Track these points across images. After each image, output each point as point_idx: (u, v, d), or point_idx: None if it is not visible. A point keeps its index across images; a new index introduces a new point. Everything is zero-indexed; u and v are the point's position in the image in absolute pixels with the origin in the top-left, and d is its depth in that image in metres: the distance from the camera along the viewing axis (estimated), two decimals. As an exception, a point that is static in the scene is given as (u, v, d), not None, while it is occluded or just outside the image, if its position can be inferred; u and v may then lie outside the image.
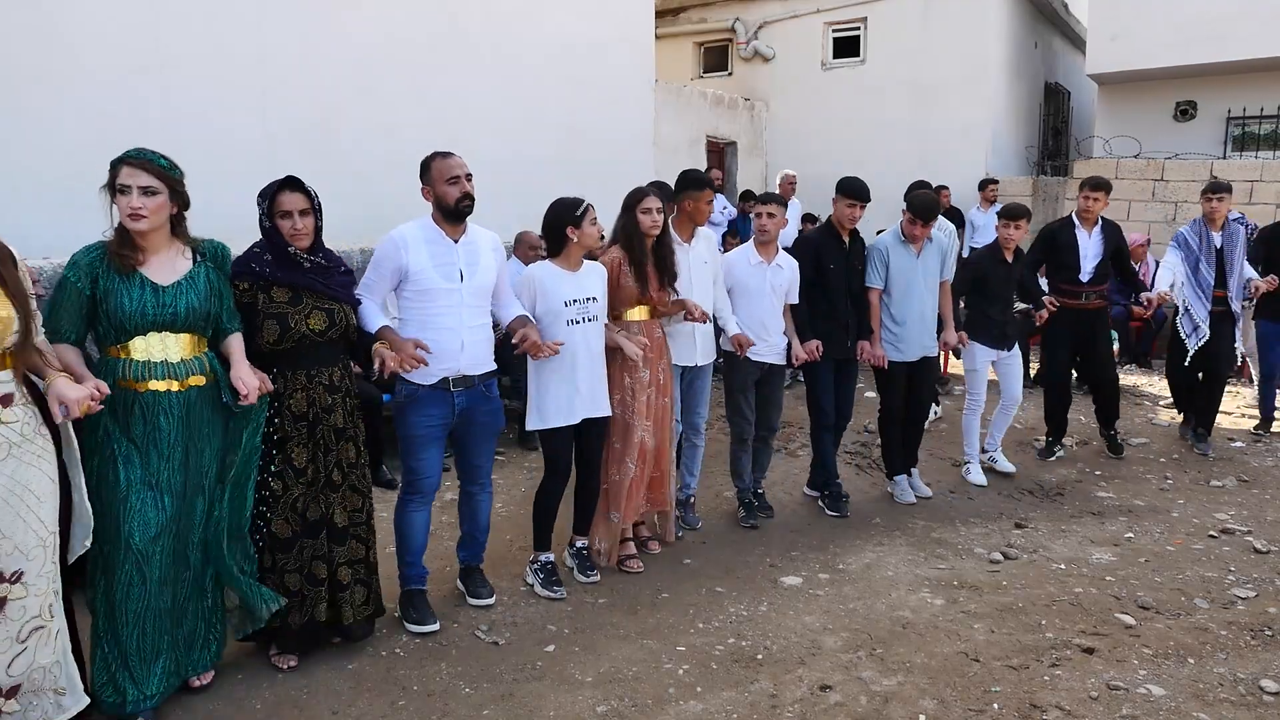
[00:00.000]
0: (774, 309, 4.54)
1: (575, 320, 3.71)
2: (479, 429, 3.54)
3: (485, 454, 3.65)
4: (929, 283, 4.91)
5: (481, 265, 3.43)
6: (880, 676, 3.18)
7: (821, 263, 4.67)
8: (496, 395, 3.60)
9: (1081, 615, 3.67)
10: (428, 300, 3.34)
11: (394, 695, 3.05)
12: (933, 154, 11.05)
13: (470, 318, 3.39)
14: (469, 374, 3.41)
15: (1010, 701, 3.02)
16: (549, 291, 3.70)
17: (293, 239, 3.02)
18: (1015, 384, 5.45)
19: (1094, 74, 11.35)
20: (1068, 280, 5.60)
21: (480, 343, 3.43)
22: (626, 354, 3.87)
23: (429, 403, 3.38)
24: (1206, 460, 5.86)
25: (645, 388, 4.01)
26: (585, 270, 3.80)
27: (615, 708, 2.99)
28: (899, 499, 5.08)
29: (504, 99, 7.21)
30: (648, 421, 4.03)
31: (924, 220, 4.70)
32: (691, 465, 4.61)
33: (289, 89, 5.70)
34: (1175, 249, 5.92)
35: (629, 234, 3.95)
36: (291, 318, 3.02)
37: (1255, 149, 10.76)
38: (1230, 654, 3.35)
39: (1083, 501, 5.11)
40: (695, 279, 4.22)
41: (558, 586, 3.82)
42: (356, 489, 3.24)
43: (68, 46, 4.63)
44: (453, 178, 3.32)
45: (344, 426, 3.18)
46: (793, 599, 3.83)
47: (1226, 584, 3.98)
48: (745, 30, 12.65)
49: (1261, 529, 4.64)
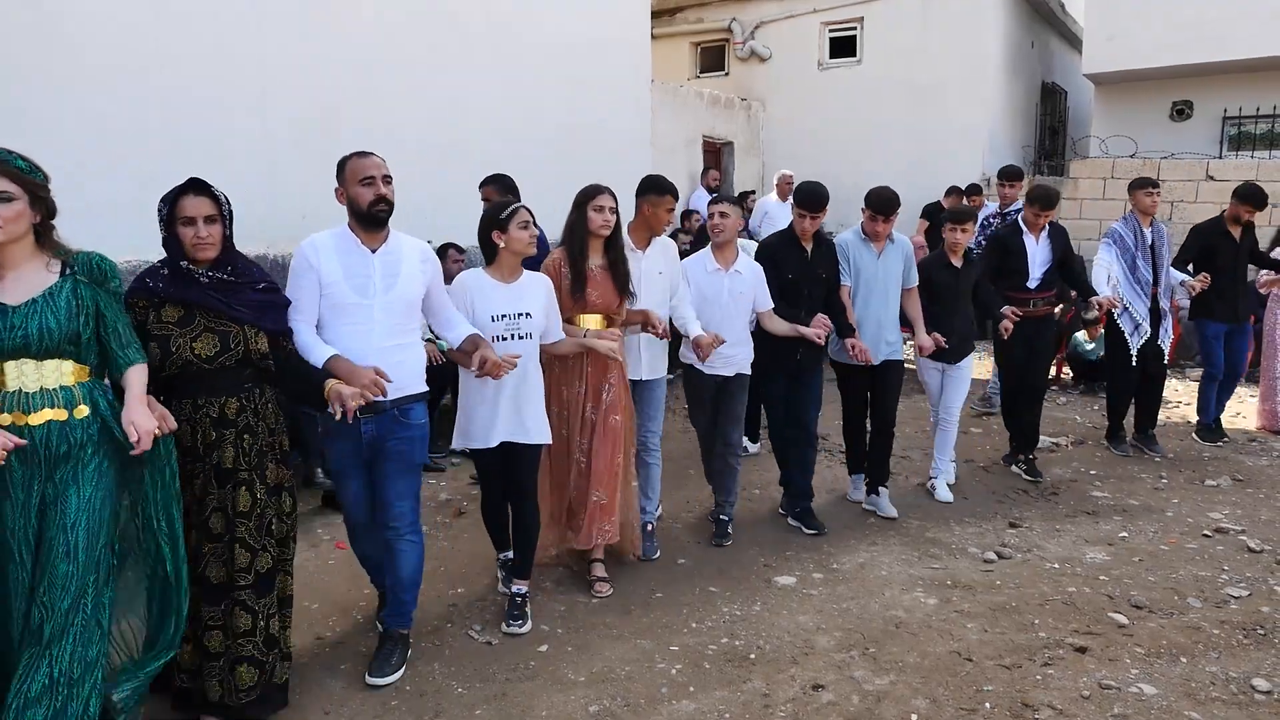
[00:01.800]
0: (733, 318, 4.25)
1: (502, 337, 3.42)
2: (390, 460, 3.11)
3: (402, 490, 3.15)
4: (890, 284, 4.69)
5: (402, 278, 3.07)
6: (873, 676, 3.19)
7: (780, 273, 4.41)
8: (419, 422, 3.17)
9: (1075, 614, 3.68)
10: (337, 317, 3.01)
11: (386, 695, 3.06)
12: (929, 154, 11.05)
13: (382, 337, 3.02)
14: (377, 400, 2.95)
15: (1002, 701, 3.03)
16: (477, 303, 3.44)
17: (195, 249, 2.68)
18: (956, 398, 5.11)
19: (1090, 74, 11.36)
20: (1015, 287, 5.36)
21: (394, 365, 2.98)
22: (601, 352, 3.61)
23: (340, 433, 3.04)
24: (1201, 460, 5.88)
25: (581, 404, 3.76)
26: (523, 282, 3.51)
27: (608, 707, 3.00)
28: (850, 496, 5.04)
29: (502, 99, 7.21)
30: (583, 441, 3.77)
31: (884, 215, 4.49)
32: (647, 487, 4.26)
33: (289, 89, 5.70)
34: (1109, 246, 5.75)
35: (574, 232, 3.72)
36: (175, 340, 2.66)
37: (1251, 148, 10.77)
38: (1223, 653, 3.36)
39: (1077, 501, 5.12)
40: (645, 289, 3.95)
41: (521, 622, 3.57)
42: (248, 545, 2.75)
43: (68, 46, 4.63)
44: (366, 179, 3.00)
45: (235, 468, 2.74)
46: (786, 598, 3.84)
47: (1220, 583, 3.99)
48: (742, 30, 12.66)
49: (1255, 528, 4.65)
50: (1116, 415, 6.09)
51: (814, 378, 4.58)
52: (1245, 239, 6.09)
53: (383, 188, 3.02)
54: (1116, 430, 6.09)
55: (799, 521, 4.63)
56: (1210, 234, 6.06)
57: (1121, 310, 5.74)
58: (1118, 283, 5.69)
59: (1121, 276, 5.72)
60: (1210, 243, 6.03)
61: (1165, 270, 5.81)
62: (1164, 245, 5.81)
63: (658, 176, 4.10)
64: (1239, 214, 5.95)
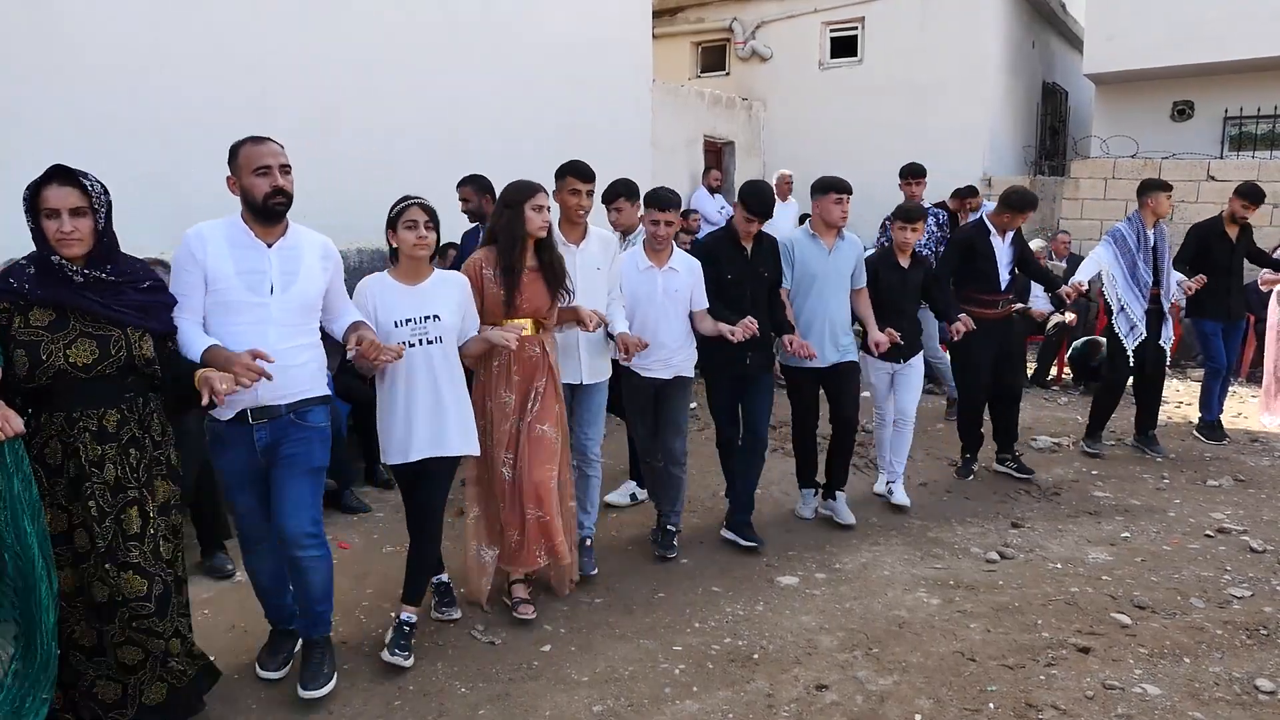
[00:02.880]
0: (671, 318, 4.05)
1: (410, 343, 3.17)
2: (286, 465, 2.88)
3: (301, 498, 2.91)
4: (842, 283, 4.49)
5: (302, 276, 2.86)
6: (876, 676, 3.19)
7: (718, 273, 4.17)
8: (318, 425, 2.95)
9: (1078, 615, 3.68)
10: (226, 316, 2.78)
11: (390, 695, 3.05)
12: (930, 154, 10.95)
13: (279, 338, 2.79)
14: (272, 404, 2.82)
15: (1006, 701, 3.02)
16: (378, 308, 3.21)
17: (59, 245, 2.42)
18: (909, 399, 4.92)
19: (1091, 74, 11.37)
20: (987, 290, 5.22)
21: (291, 368, 2.81)
22: (496, 344, 3.30)
23: (230, 440, 2.86)
24: (1203, 461, 5.87)
25: (509, 415, 3.51)
26: (432, 282, 3.28)
27: (611, 707, 2.99)
28: (799, 513, 4.77)
29: (502, 99, 7.21)
30: (510, 454, 3.50)
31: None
32: (584, 500, 4.04)
33: (289, 89, 5.70)
34: (1109, 245, 5.69)
35: (510, 233, 3.44)
36: (45, 347, 2.41)
37: (1252, 149, 10.78)
38: (1226, 653, 3.36)
39: (1079, 501, 5.11)
40: (583, 287, 3.74)
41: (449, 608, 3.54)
42: (139, 569, 2.52)
43: (68, 46, 4.63)
44: (261, 168, 2.76)
45: (124, 485, 2.52)
46: (789, 598, 3.83)
47: (1222, 583, 3.99)
48: (743, 30, 12.66)
49: (1258, 528, 4.64)
50: (1099, 413, 5.99)
51: (765, 382, 4.36)
52: (1242, 239, 6.08)
53: (279, 178, 2.78)
54: (1095, 429, 6.01)
55: (735, 533, 4.38)
56: (1208, 234, 6.06)
57: (1118, 310, 5.71)
58: (1115, 280, 5.66)
59: (1121, 277, 5.68)
60: (1207, 243, 6.02)
61: (1166, 272, 5.78)
62: (1166, 247, 5.79)
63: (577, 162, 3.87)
64: (1236, 211, 5.94)
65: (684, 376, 4.18)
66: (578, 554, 3.92)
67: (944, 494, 5.22)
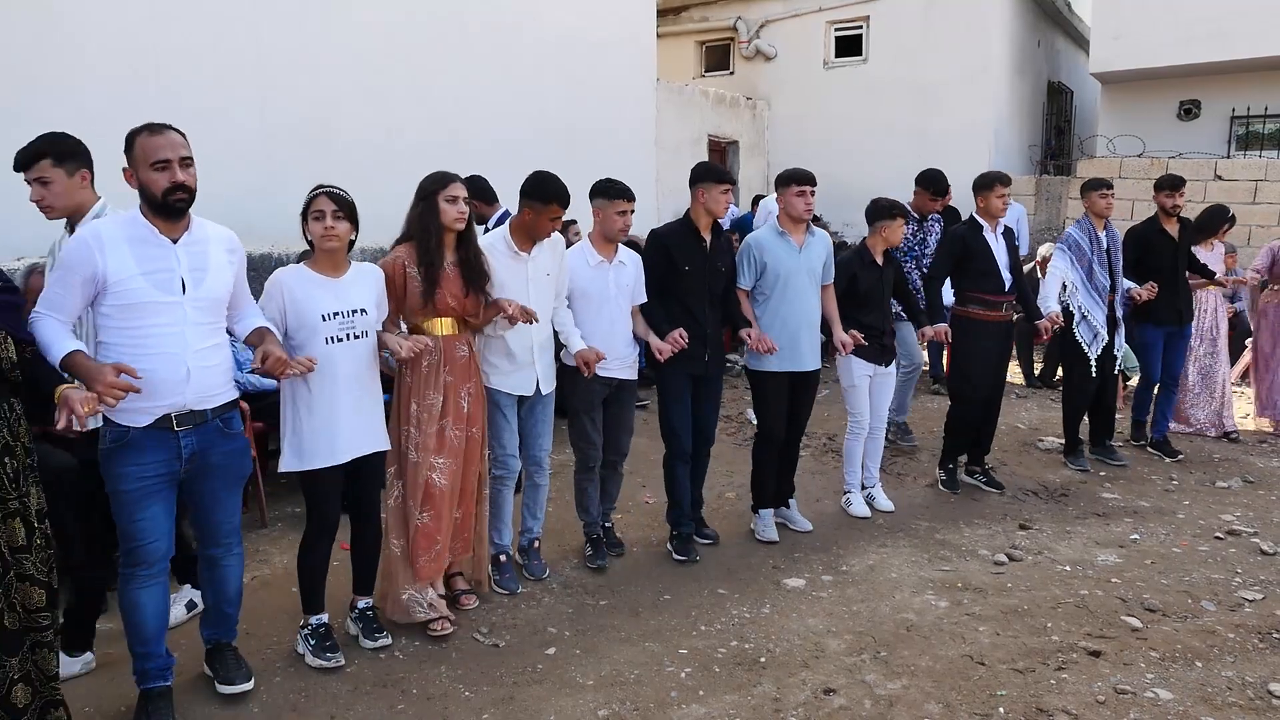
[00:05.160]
0: (622, 314, 3.97)
1: (337, 338, 3.05)
2: (217, 476, 2.80)
3: (228, 508, 2.88)
4: (812, 282, 4.29)
5: (211, 272, 2.70)
6: (884, 680, 3.15)
7: (675, 264, 4.03)
8: (240, 432, 2.89)
9: (1087, 617, 3.64)
10: (137, 318, 2.57)
11: (393, 698, 3.02)
12: (935, 153, 10.98)
13: (197, 338, 2.66)
14: (198, 408, 2.68)
15: (1016, 705, 2.98)
16: (300, 302, 3.03)
17: None
18: (885, 402, 4.82)
19: (1097, 73, 11.32)
20: (991, 290, 4.96)
21: (212, 369, 2.71)
22: (393, 350, 3.16)
23: (146, 447, 2.63)
24: (1212, 462, 5.83)
25: (437, 418, 3.35)
26: (351, 276, 3.14)
27: (616, 711, 2.96)
28: (760, 535, 4.45)
29: (504, 98, 7.19)
30: (440, 459, 3.35)
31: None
32: (534, 507, 3.99)
33: (289, 88, 5.69)
34: (1064, 253, 5.42)
35: (425, 226, 3.30)
36: None
37: (1259, 148, 10.73)
38: (1238, 657, 3.32)
39: (1087, 503, 5.07)
40: (534, 293, 3.63)
41: (332, 653, 3.18)
42: (35, 580, 2.43)
43: (68, 47, 4.62)
44: (159, 162, 2.56)
45: (4, 497, 2.38)
46: (796, 601, 3.80)
47: (1233, 586, 3.95)
48: (747, 29, 12.63)
49: (1268, 530, 4.60)
50: (1073, 429, 5.74)
51: (718, 383, 4.28)
52: (1184, 237, 5.80)
53: (179, 173, 2.58)
54: (1075, 444, 5.73)
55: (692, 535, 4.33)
56: (1146, 235, 5.76)
57: (1079, 319, 5.42)
58: (1076, 289, 5.39)
59: (1079, 284, 5.41)
60: (1148, 244, 5.72)
61: (1119, 275, 5.52)
62: (1119, 250, 5.53)
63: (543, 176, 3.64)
64: (1164, 204, 5.67)
65: (634, 377, 4.11)
66: (525, 557, 4.00)
67: (951, 496, 5.18)
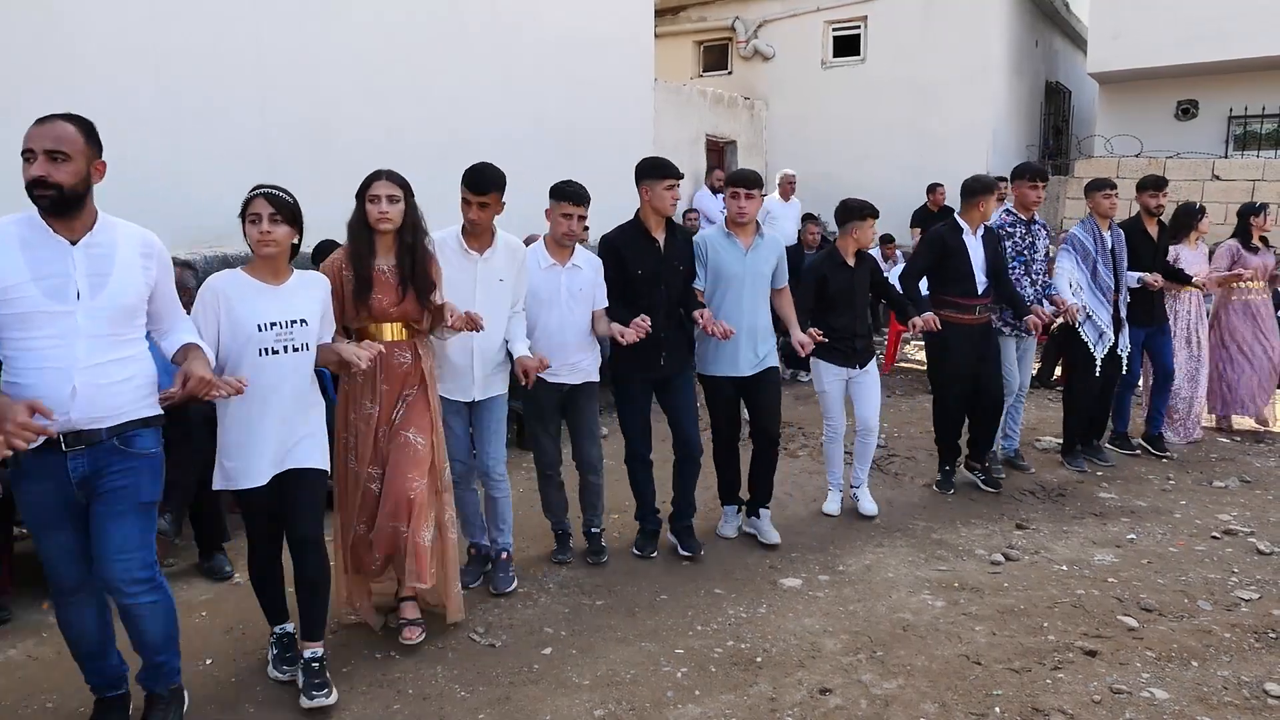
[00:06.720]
0: (575, 318, 3.85)
1: (272, 349, 2.84)
2: (107, 500, 2.48)
3: (127, 539, 2.50)
4: (759, 286, 4.17)
5: (115, 278, 2.44)
6: (881, 679, 3.16)
7: (626, 268, 3.92)
8: (148, 452, 2.56)
9: (1084, 617, 3.64)
10: (23, 328, 2.35)
11: (389, 699, 3.02)
12: (933, 153, 11.03)
13: (91, 353, 2.39)
14: (88, 429, 2.42)
15: (1012, 705, 2.99)
16: (236, 310, 2.81)
17: None
18: (870, 408, 4.71)
19: (1095, 73, 11.34)
20: (963, 293, 4.93)
21: (112, 386, 2.43)
22: (348, 360, 2.91)
23: (35, 474, 2.43)
24: (1209, 462, 5.83)
25: (373, 426, 3.22)
26: (294, 284, 2.93)
27: (613, 711, 2.96)
28: (718, 531, 4.48)
29: (504, 98, 7.19)
30: (374, 469, 3.24)
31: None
32: (494, 518, 3.84)
33: (288, 88, 5.68)
34: (1069, 253, 5.40)
35: (353, 229, 3.20)
36: None
37: (1257, 148, 10.75)
38: (1234, 657, 3.32)
39: (1084, 502, 5.08)
40: (483, 298, 3.50)
41: (290, 666, 3.08)
42: None
43: (68, 46, 4.61)
44: (25, 152, 2.34)
45: None
46: (792, 601, 3.80)
47: (1230, 586, 3.95)
48: (745, 29, 12.64)
49: (1265, 530, 4.61)
50: (1072, 429, 5.72)
51: (686, 385, 4.14)
52: (1163, 237, 5.82)
53: (41, 166, 2.31)
54: (1073, 444, 5.72)
55: (674, 537, 4.29)
56: (1130, 234, 5.73)
57: (1084, 319, 5.40)
58: (1080, 288, 5.38)
59: (1084, 284, 5.41)
60: (1131, 242, 5.70)
61: (1124, 274, 5.53)
62: (1123, 249, 5.54)
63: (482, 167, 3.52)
64: (1147, 204, 5.69)
65: (592, 382, 4.00)
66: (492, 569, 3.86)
67: (947, 495, 5.19)
